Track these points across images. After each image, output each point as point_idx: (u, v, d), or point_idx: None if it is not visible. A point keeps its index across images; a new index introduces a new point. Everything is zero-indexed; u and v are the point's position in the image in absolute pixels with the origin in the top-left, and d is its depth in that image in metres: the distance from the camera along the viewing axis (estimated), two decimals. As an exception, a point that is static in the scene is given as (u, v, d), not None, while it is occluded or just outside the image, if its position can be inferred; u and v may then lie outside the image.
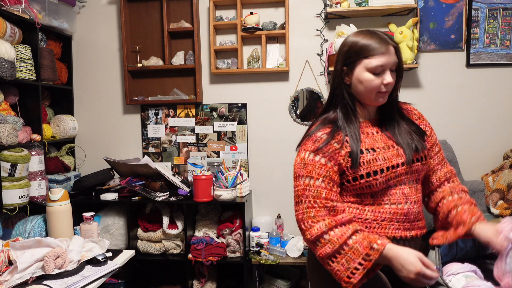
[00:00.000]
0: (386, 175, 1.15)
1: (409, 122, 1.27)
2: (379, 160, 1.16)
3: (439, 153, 1.31)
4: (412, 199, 1.20)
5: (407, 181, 1.20)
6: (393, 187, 1.18)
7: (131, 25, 2.71)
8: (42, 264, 1.39)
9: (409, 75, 2.59)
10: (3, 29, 2.06)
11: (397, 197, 1.17)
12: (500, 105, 2.56)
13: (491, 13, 2.51)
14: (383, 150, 1.19)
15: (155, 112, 2.77)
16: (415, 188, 1.22)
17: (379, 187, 1.17)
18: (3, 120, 2.08)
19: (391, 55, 1.17)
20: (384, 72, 1.17)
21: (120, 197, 2.46)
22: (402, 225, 1.18)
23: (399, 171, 1.17)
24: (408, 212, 1.18)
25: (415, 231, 1.20)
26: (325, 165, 1.17)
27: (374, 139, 1.21)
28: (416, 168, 1.21)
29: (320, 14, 2.60)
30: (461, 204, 1.21)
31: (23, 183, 2.12)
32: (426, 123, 1.32)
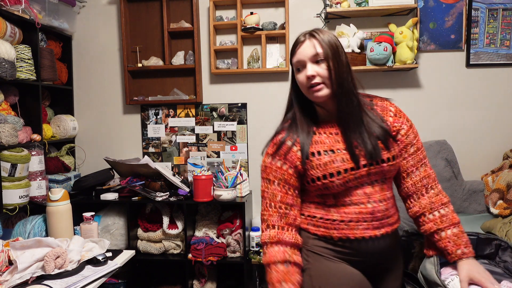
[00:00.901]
0: (343, 177, 1.13)
1: (374, 121, 1.17)
2: (336, 162, 1.14)
3: (415, 155, 1.22)
4: (376, 198, 1.16)
5: (369, 182, 1.17)
6: (355, 188, 1.16)
7: (131, 25, 2.71)
8: (42, 264, 1.40)
9: (409, 75, 2.59)
10: (3, 29, 2.07)
11: (359, 197, 1.16)
12: (500, 105, 2.56)
13: (491, 13, 2.51)
14: (343, 152, 1.15)
15: (155, 112, 2.78)
16: (380, 187, 1.18)
17: (338, 189, 1.15)
18: (3, 120, 2.09)
19: (309, 47, 1.14)
20: (305, 66, 1.15)
21: (120, 197, 2.46)
22: (370, 224, 1.16)
23: (359, 173, 1.14)
24: (373, 211, 1.16)
25: (385, 229, 1.18)
26: (280, 168, 1.20)
27: (335, 140, 1.18)
28: (379, 170, 1.16)
29: (320, 14, 2.60)
30: (444, 228, 1.19)
31: (23, 183, 2.12)
32: (403, 121, 1.22)
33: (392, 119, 1.22)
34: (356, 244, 1.17)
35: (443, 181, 2.40)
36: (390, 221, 1.20)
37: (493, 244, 1.85)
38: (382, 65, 2.40)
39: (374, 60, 2.39)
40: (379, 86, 2.61)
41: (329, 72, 1.13)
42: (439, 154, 2.45)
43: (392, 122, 1.21)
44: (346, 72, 1.15)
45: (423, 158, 1.23)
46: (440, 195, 1.22)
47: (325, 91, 1.14)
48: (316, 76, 1.13)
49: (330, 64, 1.12)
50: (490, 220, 2.13)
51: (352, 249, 1.18)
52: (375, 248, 1.18)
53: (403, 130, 1.21)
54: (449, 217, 1.20)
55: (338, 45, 1.15)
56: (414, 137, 1.23)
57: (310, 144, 1.18)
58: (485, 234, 1.87)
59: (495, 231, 2.01)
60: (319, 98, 1.16)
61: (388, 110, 1.23)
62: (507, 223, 2.01)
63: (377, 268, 1.25)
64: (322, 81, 1.14)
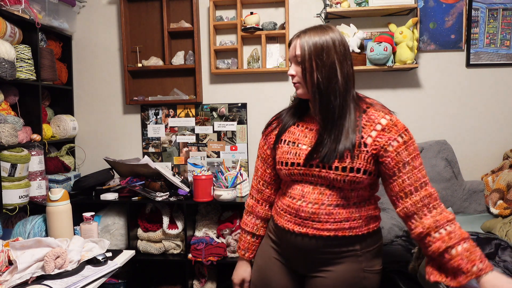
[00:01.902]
0: (289, 169, 1.23)
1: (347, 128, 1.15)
2: (289, 154, 1.23)
3: (411, 173, 1.13)
4: (309, 199, 1.19)
5: (314, 182, 1.20)
6: (298, 183, 1.24)
7: (131, 25, 2.71)
8: (42, 264, 1.39)
9: (409, 75, 2.59)
10: (3, 29, 2.06)
11: (295, 192, 1.23)
12: (500, 105, 2.56)
13: (491, 13, 2.51)
14: (301, 147, 1.22)
15: (155, 112, 2.77)
16: (321, 192, 1.18)
17: (285, 178, 1.27)
18: (3, 120, 2.08)
19: (292, 48, 1.20)
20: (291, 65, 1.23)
21: (120, 197, 2.46)
22: (293, 219, 1.23)
23: (303, 170, 1.20)
24: (299, 209, 1.21)
25: (306, 229, 1.20)
26: (262, 147, 1.38)
27: (305, 135, 1.24)
28: (324, 175, 1.15)
29: (320, 14, 2.60)
30: (453, 245, 1.08)
31: (23, 183, 2.12)
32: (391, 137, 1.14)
33: (376, 133, 1.14)
34: (280, 232, 1.29)
35: (443, 181, 2.40)
36: (317, 226, 1.18)
37: (493, 244, 1.85)
38: (382, 65, 2.41)
39: (374, 60, 2.39)
40: (379, 86, 2.61)
41: (303, 73, 1.18)
42: (439, 154, 2.45)
43: (374, 136, 1.14)
44: (329, 73, 1.14)
45: (422, 177, 1.14)
46: (444, 213, 1.13)
47: (301, 90, 1.22)
48: (295, 76, 1.21)
49: (303, 66, 1.17)
50: (490, 220, 2.13)
51: (279, 236, 1.30)
52: (293, 243, 1.25)
53: (391, 147, 1.13)
54: (458, 233, 1.10)
55: (324, 46, 1.14)
56: (408, 154, 1.13)
57: (284, 132, 1.29)
58: (485, 234, 1.87)
59: (495, 231, 2.01)
60: (298, 95, 1.24)
61: (376, 123, 1.15)
62: (507, 223, 2.01)
63: (307, 269, 1.27)
64: (299, 81, 1.21)
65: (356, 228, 1.19)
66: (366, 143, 1.14)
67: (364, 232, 1.20)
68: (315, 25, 1.21)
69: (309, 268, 1.26)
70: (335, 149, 1.13)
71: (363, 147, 1.14)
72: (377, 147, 1.14)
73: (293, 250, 1.26)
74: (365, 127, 1.16)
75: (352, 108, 1.17)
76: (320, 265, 1.23)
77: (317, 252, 1.21)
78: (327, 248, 1.20)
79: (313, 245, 1.20)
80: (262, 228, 1.41)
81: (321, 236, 1.19)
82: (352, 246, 1.20)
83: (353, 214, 1.19)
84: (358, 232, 1.19)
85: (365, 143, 1.14)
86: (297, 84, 1.21)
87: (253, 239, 1.41)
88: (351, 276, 1.21)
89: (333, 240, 1.19)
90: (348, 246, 1.20)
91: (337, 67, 1.14)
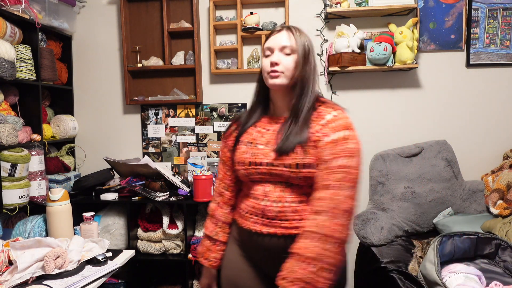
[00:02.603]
0: (247, 169, 1.23)
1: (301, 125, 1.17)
2: (247, 154, 1.23)
3: (323, 173, 1.12)
4: (273, 198, 1.19)
5: (273, 181, 1.21)
6: (258, 183, 1.23)
7: (131, 25, 2.71)
8: (42, 264, 1.40)
9: (409, 75, 2.59)
10: (3, 29, 2.06)
11: (258, 193, 1.22)
12: (500, 105, 2.56)
13: (491, 13, 2.51)
14: (259, 147, 1.23)
15: (155, 112, 2.78)
16: (282, 189, 1.19)
17: (244, 179, 1.27)
18: (3, 120, 2.08)
19: (283, 36, 1.21)
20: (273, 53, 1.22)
21: (120, 197, 2.46)
22: (260, 220, 1.21)
23: (261, 169, 1.20)
24: (264, 209, 1.20)
25: (275, 229, 1.19)
26: (222, 149, 1.38)
27: (262, 135, 1.25)
28: (279, 173, 1.17)
29: (320, 14, 2.60)
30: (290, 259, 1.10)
31: (23, 183, 2.12)
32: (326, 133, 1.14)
33: (319, 127, 1.16)
34: (246, 235, 1.26)
35: (443, 181, 2.40)
36: (284, 224, 1.18)
37: (493, 244, 1.85)
38: (382, 65, 2.41)
39: (374, 60, 2.39)
40: (379, 86, 2.61)
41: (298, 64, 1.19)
42: (439, 154, 2.45)
43: (316, 130, 1.16)
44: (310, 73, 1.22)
45: (330, 180, 1.09)
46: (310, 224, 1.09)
47: (282, 80, 1.20)
48: (279, 64, 1.19)
49: (297, 58, 1.20)
50: (490, 220, 2.13)
51: (245, 240, 1.28)
52: (261, 244, 1.22)
53: (322, 142, 1.13)
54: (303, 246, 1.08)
55: (310, 47, 1.23)
56: (331, 153, 1.11)
57: (243, 134, 1.29)
58: (485, 234, 1.87)
59: (495, 231, 2.01)
60: (274, 86, 1.21)
61: (322, 118, 1.17)
62: (507, 223, 2.01)
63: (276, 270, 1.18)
64: (282, 71, 1.19)
65: None
66: (311, 139, 1.17)
67: None
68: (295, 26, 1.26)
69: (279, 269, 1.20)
70: (289, 144, 1.16)
71: (310, 142, 1.16)
72: (316, 141, 1.16)
73: (262, 252, 1.24)
74: (314, 122, 1.18)
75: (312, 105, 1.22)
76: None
77: (286, 251, 1.16)
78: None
79: (281, 244, 1.19)
80: (222, 233, 1.35)
81: (290, 235, 1.18)
82: None
83: None
84: None
85: (311, 138, 1.17)
86: (279, 73, 1.19)
87: (210, 243, 1.36)
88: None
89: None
90: None
91: (315, 67, 1.25)
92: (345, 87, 2.63)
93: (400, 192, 2.36)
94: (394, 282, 1.79)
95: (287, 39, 1.20)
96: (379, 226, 2.20)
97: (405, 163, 2.42)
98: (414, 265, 1.84)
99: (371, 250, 2.13)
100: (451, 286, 1.52)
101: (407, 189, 2.36)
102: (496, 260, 1.85)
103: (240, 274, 1.29)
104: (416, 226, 2.32)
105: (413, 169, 2.41)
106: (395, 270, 1.85)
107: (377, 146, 2.58)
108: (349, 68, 2.41)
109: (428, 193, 2.36)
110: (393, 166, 2.41)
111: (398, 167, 2.41)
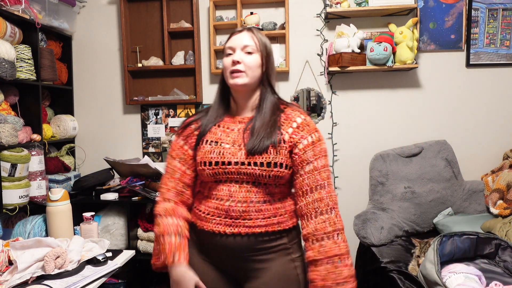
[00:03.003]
0: (213, 168, 1.21)
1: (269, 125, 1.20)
2: (212, 153, 1.22)
3: (311, 174, 1.17)
4: (237, 198, 1.20)
5: (239, 181, 1.21)
6: (223, 183, 1.22)
7: (131, 25, 2.71)
8: (42, 264, 1.40)
9: (409, 75, 2.59)
10: (3, 29, 2.07)
11: (222, 193, 1.21)
12: (500, 105, 2.56)
13: (491, 13, 2.51)
14: (225, 146, 1.22)
15: (155, 112, 2.78)
16: (248, 189, 1.20)
17: (209, 179, 1.24)
18: (3, 120, 2.09)
19: (244, 36, 1.24)
20: (235, 52, 1.24)
21: (120, 197, 2.46)
22: (223, 220, 1.21)
23: (229, 169, 1.19)
24: (229, 209, 1.20)
25: (238, 229, 1.20)
26: (182, 147, 1.30)
27: (227, 134, 1.25)
28: (251, 172, 1.17)
29: (320, 14, 2.60)
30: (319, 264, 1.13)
31: (23, 183, 2.12)
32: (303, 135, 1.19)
33: (292, 130, 1.20)
34: (208, 237, 1.24)
35: (443, 181, 2.40)
36: (248, 224, 1.20)
37: (493, 244, 1.85)
38: (382, 65, 2.41)
39: (374, 60, 2.39)
40: (379, 86, 2.61)
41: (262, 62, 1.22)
42: (439, 154, 2.45)
43: (290, 133, 1.20)
44: (273, 74, 1.26)
45: (321, 179, 1.16)
46: (326, 223, 1.14)
47: (244, 80, 1.21)
48: (241, 63, 1.21)
49: (259, 58, 1.22)
50: (490, 220, 2.13)
51: (206, 241, 1.25)
52: (224, 245, 1.22)
53: (301, 144, 1.18)
54: (327, 249, 1.13)
55: (270, 48, 1.26)
56: (313, 155, 1.18)
57: (206, 133, 1.27)
58: (485, 234, 1.87)
59: (495, 231, 2.01)
60: (236, 86, 1.23)
61: (293, 121, 1.22)
62: (507, 223, 2.01)
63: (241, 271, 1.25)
64: (245, 70, 1.21)
65: (283, 222, 1.23)
66: (284, 140, 1.19)
67: (290, 226, 1.24)
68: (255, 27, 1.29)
69: (244, 269, 1.25)
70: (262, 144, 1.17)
71: (283, 143, 1.19)
72: (292, 143, 1.19)
73: (225, 253, 1.23)
74: (284, 124, 1.22)
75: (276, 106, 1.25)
76: (255, 263, 1.23)
77: (250, 250, 1.21)
78: (260, 245, 1.22)
79: (245, 243, 1.21)
80: (186, 230, 1.27)
81: (253, 233, 1.20)
82: (281, 240, 1.24)
83: (279, 210, 1.22)
84: (285, 226, 1.23)
85: (284, 140, 1.19)
86: (241, 72, 1.21)
87: (179, 240, 1.23)
88: (285, 268, 1.24)
89: (264, 236, 1.21)
90: (278, 241, 1.23)
91: (274, 70, 1.29)
92: (345, 87, 2.63)
93: (400, 192, 2.36)
94: (394, 282, 1.79)
95: (249, 38, 1.23)
96: (379, 226, 2.20)
97: (405, 163, 2.42)
98: (414, 265, 1.85)
99: (371, 250, 2.13)
100: (451, 286, 1.52)
101: (407, 189, 2.36)
102: (496, 260, 1.85)
103: (203, 278, 1.26)
104: (416, 226, 2.32)
105: (413, 169, 2.41)
106: (395, 270, 1.85)
107: (377, 146, 2.58)
108: (349, 68, 2.41)
109: (428, 193, 2.36)
110: (393, 166, 2.41)
111: (398, 167, 2.41)
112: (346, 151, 2.65)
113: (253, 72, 1.22)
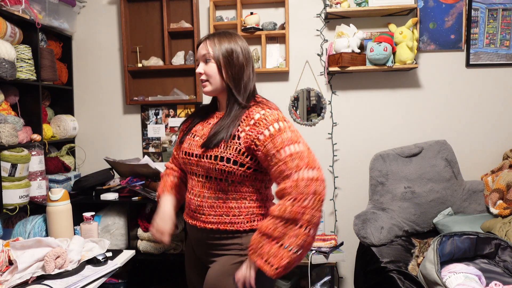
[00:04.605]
0: (182, 158, 1.35)
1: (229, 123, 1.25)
2: (185, 144, 1.35)
3: (276, 166, 1.16)
4: (195, 192, 1.31)
5: (198, 174, 1.30)
6: (190, 175, 1.35)
7: (131, 25, 2.71)
8: (42, 264, 1.40)
9: (409, 75, 2.59)
10: (4, 29, 2.07)
11: (189, 185, 1.36)
12: (500, 105, 2.56)
13: (491, 13, 2.51)
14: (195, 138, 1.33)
15: (155, 112, 2.78)
16: (202, 184, 1.29)
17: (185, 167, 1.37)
18: (3, 120, 2.09)
19: (202, 48, 1.30)
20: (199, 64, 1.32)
21: (120, 197, 2.46)
22: (188, 211, 1.36)
23: (192, 160, 1.30)
24: (190, 202, 1.33)
25: (196, 222, 1.31)
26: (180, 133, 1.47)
27: (203, 128, 1.35)
28: (203, 164, 1.26)
29: (320, 14, 2.60)
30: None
31: (23, 183, 2.12)
32: (259, 130, 1.20)
33: (249, 127, 1.22)
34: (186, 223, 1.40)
35: (443, 181, 2.40)
36: (203, 219, 1.29)
37: (493, 244, 1.85)
38: (382, 65, 2.41)
39: (374, 60, 2.39)
40: (379, 86, 2.61)
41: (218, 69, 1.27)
42: (439, 154, 2.45)
43: (247, 131, 1.22)
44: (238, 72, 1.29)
45: (288, 169, 1.14)
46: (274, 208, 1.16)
47: (208, 88, 1.30)
48: (203, 74, 1.30)
49: (218, 63, 1.27)
50: (490, 220, 2.13)
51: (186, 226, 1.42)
52: (190, 234, 1.39)
53: (258, 140, 1.20)
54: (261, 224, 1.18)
55: (233, 50, 1.28)
56: (273, 147, 1.17)
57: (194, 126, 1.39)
58: (485, 233, 1.88)
59: (495, 231, 2.01)
60: (205, 93, 1.33)
61: (250, 118, 1.23)
62: (507, 223, 2.01)
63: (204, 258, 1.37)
64: (207, 79, 1.29)
65: (237, 223, 1.26)
66: (239, 136, 1.23)
67: (246, 228, 1.26)
68: (223, 31, 1.33)
69: (204, 258, 1.36)
70: (215, 138, 1.24)
71: (237, 139, 1.23)
72: (248, 141, 1.22)
73: (193, 240, 1.39)
74: (243, 122, 1.25)
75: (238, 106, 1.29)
76: (210, 256, 1.32)
77: (204, 243, 1.32)
78: (212, 240, 1.29)
79: (200, 237, 1.32)
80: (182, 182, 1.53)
81: (205, 228, 1.29)
82: (234, 240, 1.27)
83: (233, 209, 1.26)
84: (239, 228, 1.25)
85: (239, 136, 1.23)
86: (205, 82, 1.30)
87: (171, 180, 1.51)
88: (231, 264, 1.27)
89: (215, 233, 1.28)
90: (230, 240, 1.27)
91: (244, 68, 1.30)
92: (345, 87, 2.63)
93: (400, 192, 2.36)
94: (394, 282, 1.79)
95: (205, 48, 1.28)
96: (379, 226, 2.20)
97: (405, 163, 2.43)
98: (414, 265, 1.85)
99: (371, 250, 2.13)
100: (451, 286, 1.52)
101: (407, 189, 2.37)
102: (496, 260, 1.85)
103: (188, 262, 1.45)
104: (416, 226, 2.32)
105: (413, 169, 2.41)
106: (395, 270, 1.85)
107: (377, 146, 2.58)
108: (349, 68, 2.41)
109: (428, 193, 2.36)
110: (393, 166, 2.41)
111: (398, 167, 2.41)
112: (346, 151, 2.65)
113: (214, 79, 1.29)
